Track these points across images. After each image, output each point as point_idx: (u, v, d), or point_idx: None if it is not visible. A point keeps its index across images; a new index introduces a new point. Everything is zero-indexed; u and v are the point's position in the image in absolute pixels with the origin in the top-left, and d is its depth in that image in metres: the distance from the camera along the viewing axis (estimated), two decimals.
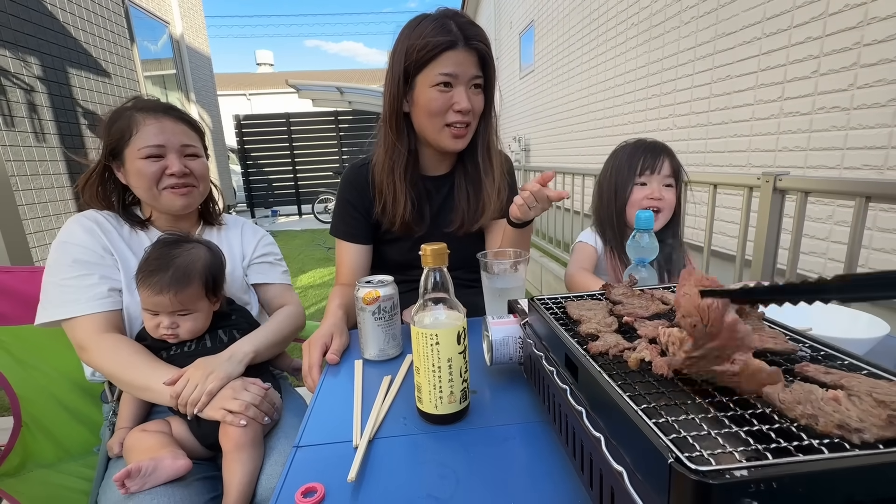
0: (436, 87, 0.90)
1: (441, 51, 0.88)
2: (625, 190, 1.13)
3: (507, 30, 7.77)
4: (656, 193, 1.10)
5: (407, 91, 0.94)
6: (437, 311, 0.59)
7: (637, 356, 0.41)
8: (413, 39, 0.89)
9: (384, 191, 1.00)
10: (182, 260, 0.84)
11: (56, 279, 0.85)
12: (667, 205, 1.10)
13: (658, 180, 1.11)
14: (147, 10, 6.04)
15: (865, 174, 1.93)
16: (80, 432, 1.03)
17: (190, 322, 0.85)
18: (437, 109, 0.92)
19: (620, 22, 3.88)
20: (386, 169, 0.99)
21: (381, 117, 1.01)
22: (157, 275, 0.81)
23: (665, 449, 0.29)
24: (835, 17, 2.00)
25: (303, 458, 0.56)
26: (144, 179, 0.89)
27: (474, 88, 0.95)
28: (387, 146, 0.99)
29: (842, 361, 0.41)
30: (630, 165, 1.13)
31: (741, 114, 2.56)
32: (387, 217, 1.02)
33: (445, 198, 1.08)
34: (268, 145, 8.70)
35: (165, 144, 0.90)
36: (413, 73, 0.92)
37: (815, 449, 0.29)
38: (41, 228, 2.96)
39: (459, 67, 0.90)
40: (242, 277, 1.04)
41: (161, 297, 0.81)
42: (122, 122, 0.90)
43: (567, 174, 3.22)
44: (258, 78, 24.93)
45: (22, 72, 2.91)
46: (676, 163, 1.14)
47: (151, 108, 0.92)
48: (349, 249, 1.06)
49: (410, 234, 1.05)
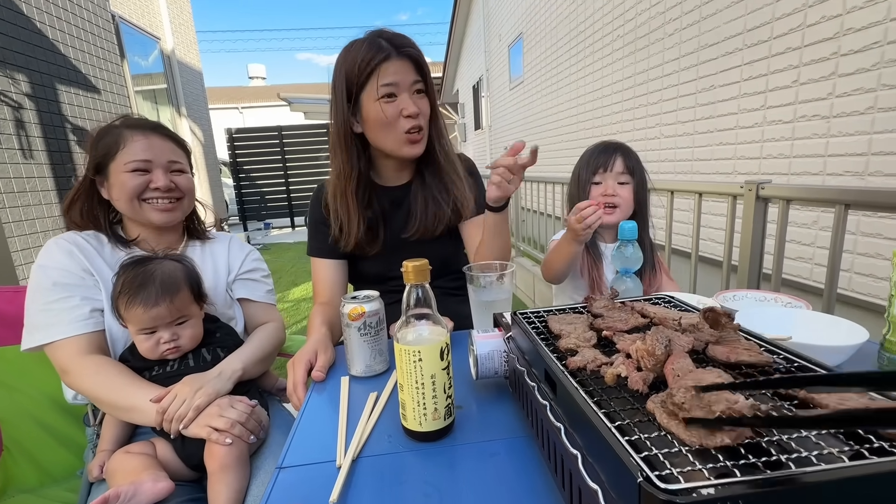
0: (381, 100, 0.93)
1: (377, 64, 0.91)
2: (585, 190, 1.17)
3: (497, 42, 7.89)
4: (609, 190, 1.13)
5: (354, 111, 0.97)
6: (420, 327, 0.59)
7: (613, 371, 0.41)
8: (349, 62, 0.93)
9: (338, 213, 1.03)
10: (160, 272, 0.84)
11: (37, 304, 0.84)
12: (622, 201, 1.13)
13: (612, 177, 1.14)
14: (138, 26, 6.06)
15: (847, 180, 1.97)
16: (63, 455, 1.01)
17: (189, 329, 0.86)
18: (387, 120, 0.94)
19: (606, 34, 3.95)
20: (338, 191, 1.02)
21: (329, 143, 1.04)
22: (146, 289, 0.81)
23: (635, 467, 0.29)
24: (812, 29, 2.05)
25: (286, 480, 0.55)
26: (126, 191, 0.89)
27: (417, 94, 0.97)
28: (337, 169, 1.02)
29: (815, 373, 0.41)
30: (588, 166, 1.17)
31: (726, 122, 2.61)
32: (343, 237, 1.04)
33: (410, 206, 1.09)
34: (260, 158, 8.70)
35: (152, 160, 0.91)
36: (357, 93, 0.95)
37: (782, 464, 0.29)
38: (27, 246, 2.92)
39: (398, 76, 0.93)
40: (226, 292, 1.03)
41: (158, 309, 0.81)
42: (110, 137, 0.90)
43: (557, 183, 3.24)
44: (250, 91, 25.01)
45: (10, 89, 2.90)
46: (633, 161, 1.16)
47: (140, 126, 0.93)
48: (324, 266, 1.09)
49: (364, 253, 1.07)
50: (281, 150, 8.69)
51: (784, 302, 0.95)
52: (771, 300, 0.96)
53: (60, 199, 3.23)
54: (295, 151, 8.76)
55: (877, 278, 1.89)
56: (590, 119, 4.39)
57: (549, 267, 1.12)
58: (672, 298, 0.66)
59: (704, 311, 0.49)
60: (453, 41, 11.37)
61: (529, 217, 3.92)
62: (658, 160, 3.21)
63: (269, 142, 8.67)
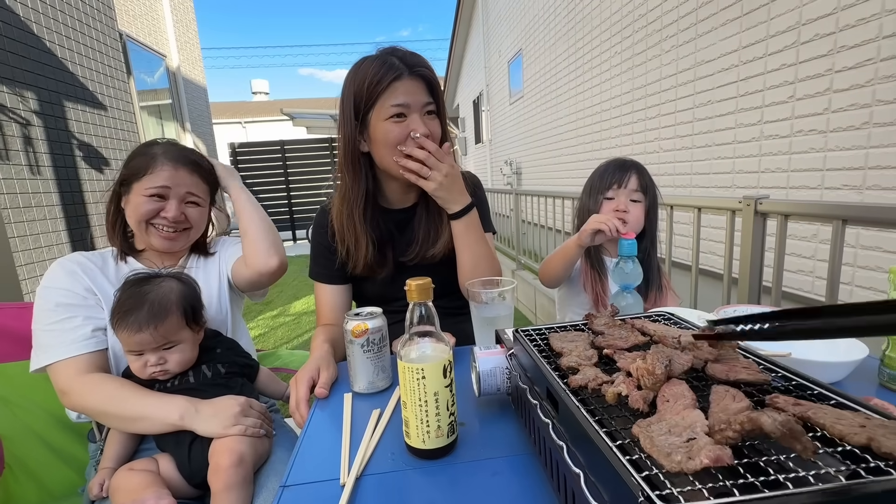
0: (390, 120, 0.91)
1: (388, 83, 0.89)
2: (596, 204, 1.18)
3: (497, 57, 8.01)
4: (621, 206, 1.14)
5: (362, 130, 0.95)
6: (424, 345, 0.59)
7: (614, 390, 0.42)
8: (359, 79, 0.91)
9: (345, 236, 1.00)
10: (154, 294, 0.84)
11: (41, 325, 0.86)
12: (633, 219, 1.13)
13: (625, 194, 1.15)
14: (144, 44, 6.18)
15: (845, 194, 1.98)
16: (65, 472, 1.01)
17: (177, 354, 0.85)
18: (395, 140, 0.91)
19: (604, 51, 4.02)
20: (344, 214, 0.99)
21: (337, 162, 1.02)
22: (133, 314, 0.81)
23: (636, 487, 0.30)
24: (807, 46, 2.09)
25: (290, 499, 0.55)
26: (137, 213, 0.93)
27: (428, 115, 0.95)
28: (343, 191, 0.99)
29: (811, 391, 0.42)
30: (601, 181, 1.19)
31: (724, 137, 2.64)
32: (351, 260, 1.02)
33: (414, 230, 1.07)
34: (263, 172, 8.78)
35: (171, 187, 0.93)
36: (365, 112, 0.92)
37: (780, 484, 0.30)
38: (31, 260, 2.94)
39: (410, 96, 0.90)
40: (218, 302, 1.04)
41: (142, 335, 0.81)
42: (143, 159, 0.94)
43: (558, 197, 3.27)
44: (254, 106, 25.32)
45: (18, 106, 2.95)
46: (646, 180, 1.17)
47: (173, 157, 0.95)
48: (327, 291, 1.06)
49: (374, 275, 1.04)
50: (283, 164, 8.77)
51: None
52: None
53: (66, 214, 3.26)
54: (297, 165, 8.84)
55: (878, 291, 1.89)
56: (589, 133, 4.44)
57: (547, 267, 1.16)
58: (672, 315, 0.67)
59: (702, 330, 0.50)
60: (454, 57, 11.56)
61: (530, 230, 3.94)
62: (657, 174, 3.22)
63: (271, 156, 8.75)
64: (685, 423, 0.35)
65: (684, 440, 0.33)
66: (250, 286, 1.06)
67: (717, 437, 0.33)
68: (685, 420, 0.36)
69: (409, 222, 1.06)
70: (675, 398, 0.40)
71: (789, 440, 0.30)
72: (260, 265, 1.00)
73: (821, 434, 0.35)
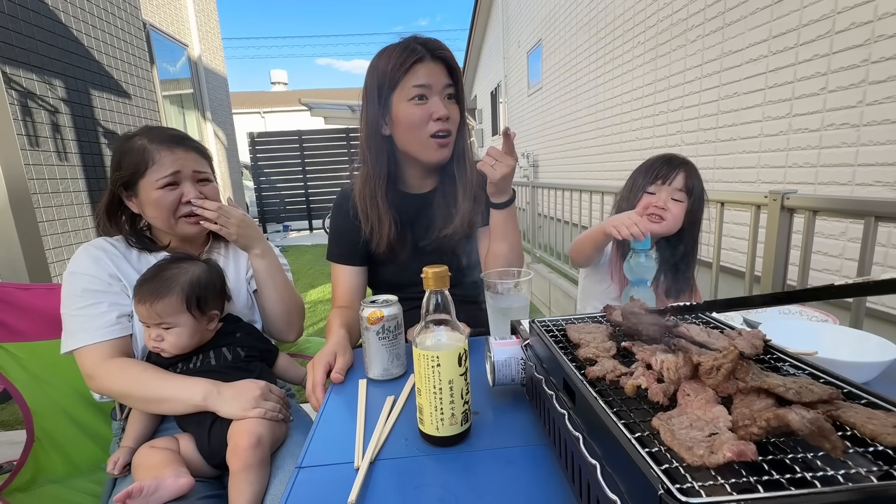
0: (412, 101, 0.94)
1: (411, 65, 0.93)
2: (637, 196, 1.14)
3: (516, 48, 7.90)
4: (661, 203, 1.09)
5: (385, 113, 0.98)
6: (439, 333, 0.59)
7: (633, 382, 0.41)
8: (383, 63, 0.95)
9: (368, 214, 1.02)
10: (169, 273, 0.86)
11: (69, 310, 0.88)
12: (671, 216, 1.09)
13: (668, 191, 1.10)
14: (167, 34, 6.27)
15: (878, 191, 1.91)
16: (90, 448, 1.04)
17: (173, 336, 0.85)
18: (417, 121, 0.95)
19: (627, 41, 3.93)
20: (367, 193, 1.02)
21: (359, 145, 1.05)
22: (144, 285, 0.85)
23: (656, 479, 0.29)
24: (841, 35, 2.00)
25: (305, 479, 0.56)
26: (163, 210, 0.91)
27: (448, 99, 0.98)
28: (365, 171, 1.02)
29: (841, 389, 0.40)
30: (646, 173, 1.15)
31: (750, 130, 2.56)
32: (374, 239, 1.04)
33: (432, 215, 1.08)
34: (280, 162, 8.87)
35: (180, 171, 0.93)
36: (388, 94, 0.95)
37: (807, 482, 0.29)
38: (59, 244, 3.04)
39: (431, 78, 0.94)
40: (247, 294, 1.05)
41: (140, 307, 0.84)
42: (136, 154, 0.91)
43: (575, 191, 3.22)
44: (272, 96, 25.55)
45: (47, 94, 3.03)
46: (693, 180, 1.12)
47: (164, 140, 0.93)
48: (344, 272, 1.09)
49: (395, 255, 1.06)
50: (301, 154, 8.85)
51: (810, 316, 0.92)
52: (796, 313, 0.93)
53: (91, 200, 3.35)
54: (314, 155, 8.90)
55: None
56: (609, 126, 4.36)
57: (577, 247, 1.16)
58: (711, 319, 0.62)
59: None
60: (472, 47, 11.43)
61: (546, 223, 3.90)
62: None
63: (289, 146, 8.83)
64: (707, 417, 0.34)
65: (706, 434, 0.33)
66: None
67: (740, 433, 0.32)
68: (707, 414, 0.35)
69: (427, 208, 1.08)
70: (695, 392, 0.39)
71: (818, 438, 0.29)
72: (274, 335, 1.08)
73: (851, 433, 0.34)
